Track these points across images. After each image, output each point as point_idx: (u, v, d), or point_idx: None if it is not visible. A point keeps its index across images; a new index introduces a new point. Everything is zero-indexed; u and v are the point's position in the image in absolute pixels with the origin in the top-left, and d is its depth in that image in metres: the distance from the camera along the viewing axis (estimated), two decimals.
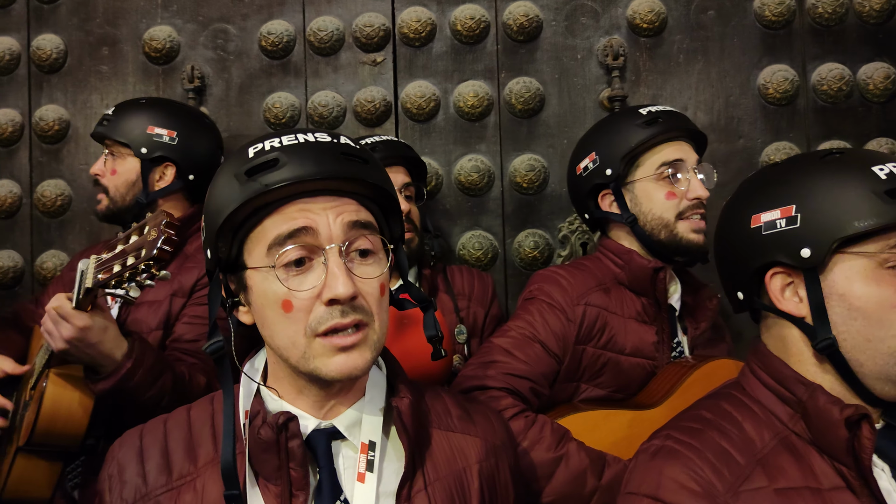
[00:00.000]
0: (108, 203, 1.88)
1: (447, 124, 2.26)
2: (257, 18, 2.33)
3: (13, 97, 2.44)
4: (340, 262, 0.90)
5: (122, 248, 1.27)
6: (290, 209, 0.92)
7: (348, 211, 0.93)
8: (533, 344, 1.51)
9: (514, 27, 2.21)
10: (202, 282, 1.79)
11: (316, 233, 0.91)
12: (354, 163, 0.94)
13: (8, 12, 2.45)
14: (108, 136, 1.88)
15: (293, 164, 0.91)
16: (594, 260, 1.68)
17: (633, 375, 1.58)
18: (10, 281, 2.39)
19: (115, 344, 1.42)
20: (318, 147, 0.93)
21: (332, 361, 0.91)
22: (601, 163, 1.63)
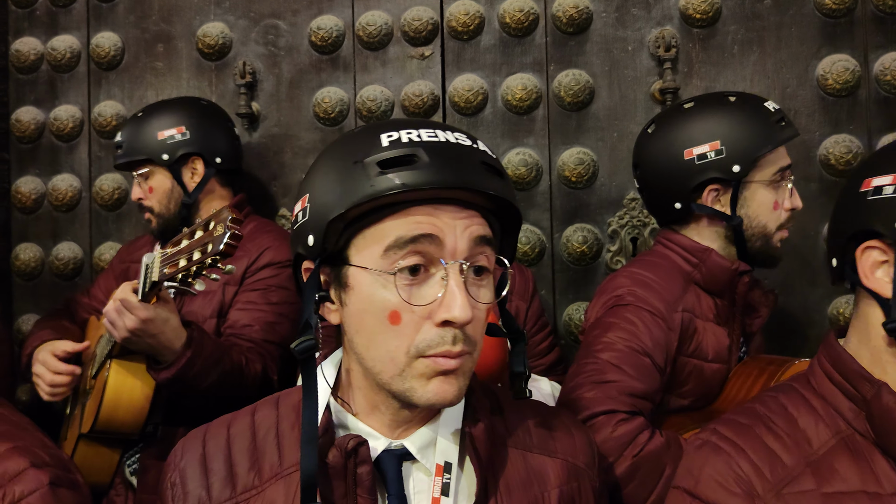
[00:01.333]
0: (158, 221, 1.93)
1: (495, 118, 2.25)
2: (307, 14, 2.35)
3: (74, 94, 2.52)
4: (461, 281, 0.82)
5: (188, 244, 1.30)
6: (416, 212, 0.83)
7: (476, 225, 0.85)
8: (642, 358, 1.38)
9: (564, 19, 2.19)
10: (252, 269, 1.83)
11: (441, 243, 0.83)
12: (494, 176, 0.85)
13: (69, 11, 2.53)
14: (126, 162, 1.93)
15: (434, 165, 0.82)
16: (661, 257, 1.57)
17: (714, 382, 1.50)
18: (70, 272, 2.47)
19: (176, 335, 1.46)
20: (459, 150, 0.85)
21: (428, 386, 0.83)
22: (728, 156, 1.47)
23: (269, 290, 1.82)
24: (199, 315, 1.79)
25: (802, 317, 2.06)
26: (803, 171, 2.07)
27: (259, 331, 1.75)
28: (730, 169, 1.47)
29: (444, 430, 0.92)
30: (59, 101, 2.53)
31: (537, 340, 1.88)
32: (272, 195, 2.34)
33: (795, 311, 2.06)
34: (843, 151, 2.04)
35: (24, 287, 2.53)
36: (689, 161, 1.51)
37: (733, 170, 1.47)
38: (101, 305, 2.00)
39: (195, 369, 1.48)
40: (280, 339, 1.78)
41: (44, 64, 2.55)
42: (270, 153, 2.35)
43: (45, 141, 2.54)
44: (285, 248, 1.87)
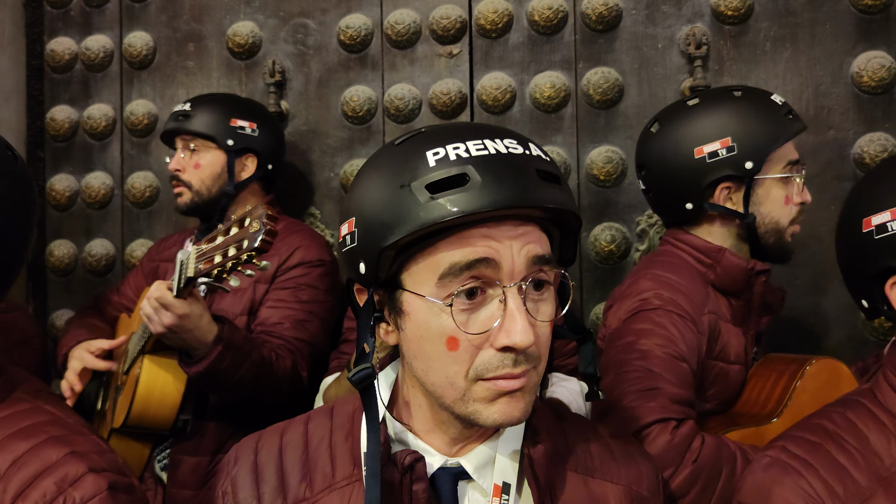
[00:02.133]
0: (191, 196, 1.93)
1: (523, 116, 2.24)
2: (336, 12, 2.36)
3: (106, 93, 2.56)
4: (521, 303, 0.79)
5: (223, 240, 1.31)
6: (471, 234, 0.79)
7: (533, 242, 0.81)
8: (681, 364, 1.33)
9: (593, 16, 2.18)
10: (283, 267, 1.85)
11: (498, 266, 0.79)
12: (552, 186, 0.81)
13: (102, 11, 2.57)
14: (190, 130, 1.92)
15: (486, 185, 0.77)
16: (675, 257, 1.52)
17: (734, 384, 1.47)
18: (102, 268, 2.52)
19: (209, 329, 1.48)
20: (512, 162, 0.79)
21: (493, 407, 0.81)
22: (740, 153, 1.43)
23: (300, 288, 1.84)
24: (230, 312, 1.81)
25: (836, 318, 2.03)
26: (837, 170, 2.04)
27: (289, 328, 1.77)
28: (742, 166, 1.44)
29: (504, 450, 0.89)
30: (93, 100, 2.57)
31: (565, 341, 1.87)
32: (300, 193, 2.36)
33: (829, 311, 2.03)
34: (878, 150, 2.01)
35: (58, 283, 2.58)
36: (700, 160, 1.46)
37: (746, 166, 1.43)
38: (130, 303, 2.03)
39: (226, 363, 1.49)
40: (310, 337, 1.79)
41: (78, 63, 2.59)
42: (299, 151, 2.36)
43: (79, 139, 2.59)
44: (315, 247, 1.89)
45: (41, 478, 0.81)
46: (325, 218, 2.35)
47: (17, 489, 0.80)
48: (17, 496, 0.80)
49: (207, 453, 1.76)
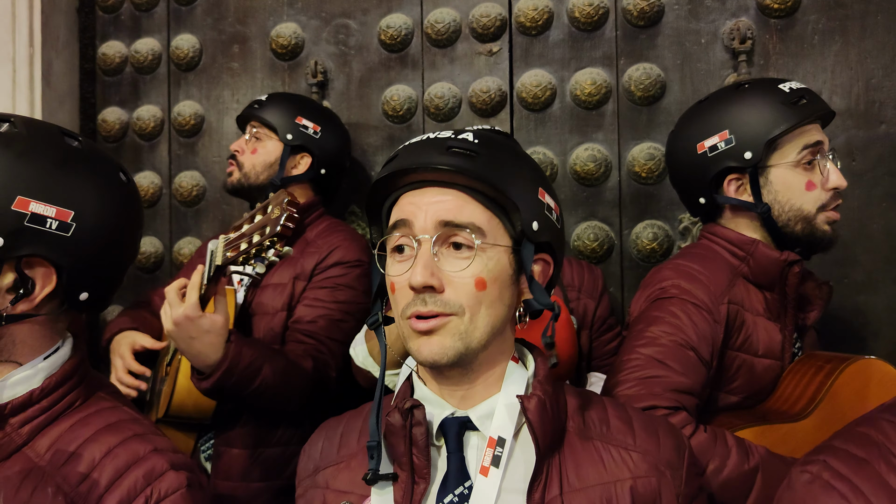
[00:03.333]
0: (239, 176, 2.01)
1: (563, 113, 2.23)
2: (377, 12, 2.39)
3: (155, 94, 2.63)
4: (426, 252, 0.94)
5: (248, 227, 1.34)
6: (403, 200, 0.99)
7: (448, 207, 0.96)
8: (687, 352, 1.35)
9: (635, 12, 2.15)
10: (321, 266, 1.87)
11: (412, 224, 0.96)
12: (458, 156, 0.96)
13: (151, 15, 2.64)
14: (258, 117, 2.01)
15: (400, 157, 0.99)
16: (708, 250, 1.53)
17: (765, 379, 1.45)
18: (151, 265, 2.58)
19: (211, 349, 1.45)
20: (428, 141, 0.99)
21: (416, 343, 0.95)
22: (738, 144, 1.45)
23: (337, 288, 1.85)
24: (270, 307, 1.83)
25: (887, 318, 1.97)
26: (889, 166, 1.98)
27: (323, 327, 1.78)
28: (741, 156, 1.45)
29: (504, 403, 0.98)
30: (142, 102, 2.64)
31: (605, 340, 1.86)
32: (342, 191, 2.38)
33: (880, 311, 1.98)
34: None
35: None
36: (703, 154, 1.50)
37: (745, 157, 1.45)
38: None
39: (234, 380, 1.49)
40: (344, 337, 1.79)
41: (127, 66, 2.67)
42: None
43: (129, 140, 2.66)
44: (355, 247, 1.91)
45: (131, 470, 0.91)
46: (365, 216, 2.37)
47: (110, 478, 0.90)
48: (110, 484, 0.89)
49: (248, 446, 1.79)
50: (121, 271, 1.07)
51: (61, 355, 1.01)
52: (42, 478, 0.90)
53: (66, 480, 0.89)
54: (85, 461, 0.91)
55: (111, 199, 1.00)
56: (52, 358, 0.99)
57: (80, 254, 0.96)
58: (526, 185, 0.99)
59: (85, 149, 1.00)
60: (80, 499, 0.88)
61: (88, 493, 0.88)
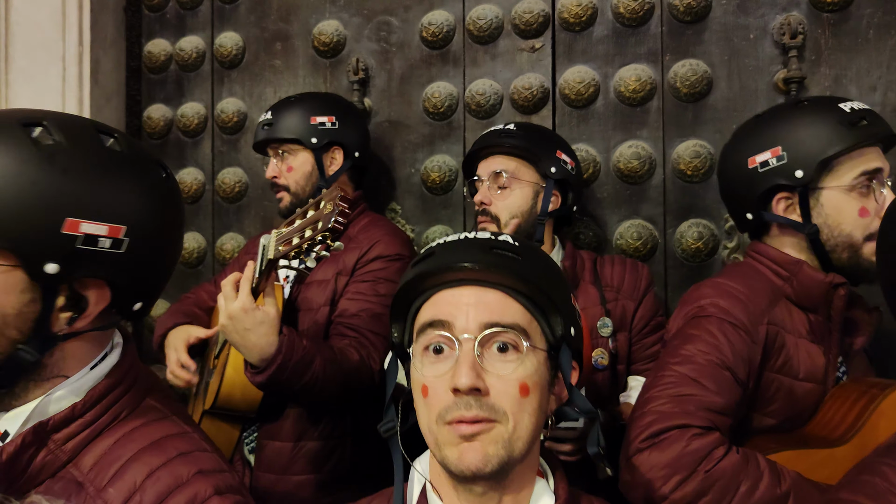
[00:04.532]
0: (291, 199, 2.00)
1: (607, 110, 2.20)
2: (419, 9, 2.38)
3: (198, 91, 2.67)
4: (470, 353, 0.90)
5: (301, 223, 1.35)
6: (439, 298, 0.96)
7: (489, 309, 0.92)
8: (723, 372, 1.31)
9: (681, 7, 2.12)
10: (362, 260, 1.88)
11: (452, 326, 0.92)
12: (502, 257, 0.94)
13: (195, 13, 2.68)
14: (276, 137, 1.99)
15: (438, 256, 0.96)
16: (750, 269, 1.49)
17: (805, 403, 1.40)
18: (194, 260, 2.62)
19: (266, 340, 1.47)
20: (467, 242, 0.98)
21: (456, 451, 0.89)
22: (790, 162, 1.40)
23: (378, 282, 1.86)
24: (314, 302, 1.85)
25: None
26: None
27: (365, 321, 1.79)
28: (792, 174, 1.40)
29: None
30: (186, 99, 2.68)
31: (648, 343, 1.81)
32: (382, 188, 2.40)
33: None
34: None
35: None
36: (753, 169, 1.46)
37: (796, 175, 1.39)
38: None
39: (287, 374, 1.50)
40: (385, 330, 1.80)
41: (172, 64, 2.71)
42: (381, 147, 2.40)
43: (173, 137, 2.70)
44: (395, 242, 1.91)
45: (173, 495, 0.86)
46: (405, 213, 2.38)
47: (153, 502, 0.85)
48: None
49: (290, 439, 1.81)
50: (170, 272, 1.03)
51: (108, 363, 0.96)
52: (86, 498, 0.85)
53: (108, 503, 0.85)
54: (127, 483, 0.86)
55: (158, 203, 0.94)
56: (98, 367, 0.95)
57: (134, 268, 0.91)
58: (563, 290, 0.97)
59: (124, 149, 0.93)
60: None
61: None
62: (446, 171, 2.32)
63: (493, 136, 1.85)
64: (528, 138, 1.82)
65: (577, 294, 1.79)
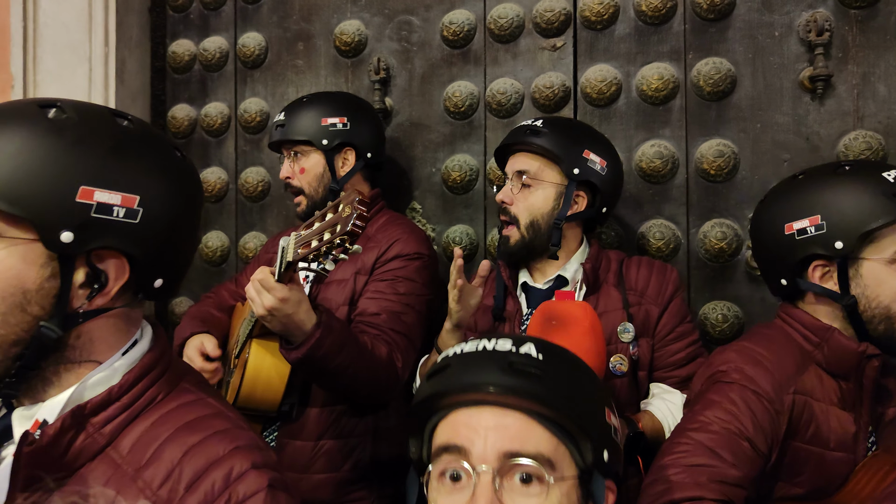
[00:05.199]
0: (307, 202, 2.01)
1: (629, 109, 2.19)
2: (440, 9, 2.38)
3: (222, 91, 2.69)
4: (488, 487, 0.84)
5: (319, 226, 1.36)
6: (456, 418, 0.90)
7: (510, 436, 0.86)
8: (741, 442, 1.28)
9: (704, 5, 2.09)
10: (381, 259, 1.89)
11: (468, 452, 0.86)
12: (522, 375, 0.87)
13: (219, 14, 2.70)
14: (288, 138, 2.00)
15: (455, 373, 0.91)
16: (780, 332, 1.46)
17: (836, 472, 1.36)
18: (218, 259, 2.65)
19: (307, 316, 1.51)
20: (484, 356, 0.91)
21: None
22: (829, 232, 1.36)
23: (397, 280, 1.86)
24: (333, 302, 1.86)
25: None
26: None
27: (386, 319, 1.80)
28: (832, 245, 1.35)
29: None
30: (210, 99, 2.71)
31: (671, 351, 1.74)
32: (403, 187, 2.40)
33: None
34: None
35: None
36: (790, 236, 1.41)
37: (836, 246, 1.35)
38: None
39: (323, 350, 1.53)
40: (405, 329, 1.81)
41: (196, 64, 2.74)
42: (402, 147, 2.40)
43: (197, 136, 2.73)
44: (414, 240, 1.92)
45: (210, 471, 0.86)
46: (426, 212, 2.38)
47: (189, 480, 0.86)
48: (189, 486, 0.85)
49: (311, 438, 1.82)
50: (191, 252, 1.03)
51: (140, 349, 0.97)
52: (125, 481, 0.86)
53: (147, 484, 0.85)
54: (165, 463, 0.87)
55: (172, 177, 0.95)
56: (130, 353, 0.95)
57: (150, 240, 0.91)
58: (594, 408, 0.91)
59: (137, 128, 0.94)
60: (162, 503, 0.84)
61: (169, 497, 0.84)
62: (467, 170, 2.32)
63: (520, 132, 1.82)
64: (553, 137, 1.77)
65: (599, 297, 1.76)
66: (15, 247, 0.84)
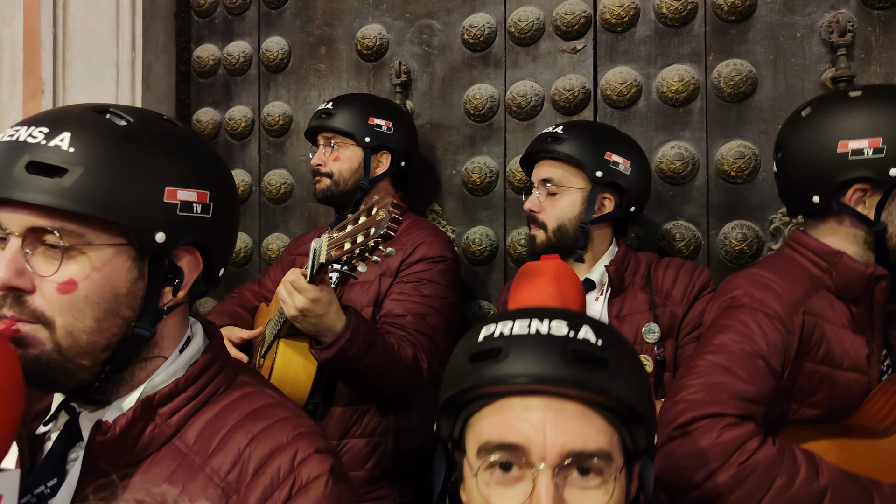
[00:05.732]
0: (329, 184, 2.03)
1: (649, 110, 2.19)
2: (460, 12, 2.41)
3: (246, 95, 2.73)
4: (550, 488, 0.80)
5: (353, 228, 1.38)
6: (509, 406, 0.85)
7: (572, 432, 0.82)
8: (756, 361, 1.30)
9: (725, 6, 2.09)
10: (406, 262, 1.91)
11: (527, 450, 0.82)
12: (583, 364, 0.83)
13: (243, 19, 2.74)
14: (331, 127, 2.04)
15: (510, 356, 0.84)
16: (788, 259, 1.47)
17: (850, 394, 1.37)
18: (241, 260, 2.69)
19: (337, 317, 1.55)
20: (543, 342, 0.85)
21: None
22: (888, 156, 1.32)
23: (422, 283, 1.89)
24: (358, 303, 1.88)
25: None
26: None
27: (411, 321, 1.82)
28: (886, 171, 1.33)
29: None
30: (233, 103, 2.75)
31: (689, 350, 1.73)
32: (424, 190, 2.42)
33: None
34: None
35: None
36: (842, 154, 1.37)
37: (890, 173, 1.33)
38: (269, 294, 2.16)
39: (353, 350, 1.56)
40: (430, 331, 1.84)
41: (220, 68, 2.78)
42: (423, 149, 2.43)
43: (221, 139, 2.78)
44: (438, 244, 1.94)
45: (275, 455, 0.89)
46: (447, 214, 2.40)
47: (256, 465, 0.88)
48: (256, 470, 0.87)
49: (334, 437, 1.85)
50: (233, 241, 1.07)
51: (196, 343, 1.00)
52: (192, 469, 0.88)
53: (215, 471, 0.87)
54: (231, 449, 0.89)
55: (224, 169, 0.99)
56: (189, 347, 0.98)
57: (220, 231, 0.96)
58: (648, 394, 0.89)
59: (183, 128, 0.98)
60: (230, 488, 0.86)
61: (237, 482, 0.86)
62: (487, 172, 2.33)
63: (541, 140, 1.84)
64: (573, 143, 1.78)
65: (625, 298, 1.77)
66: (106, 254, 0.86)
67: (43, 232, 0.83)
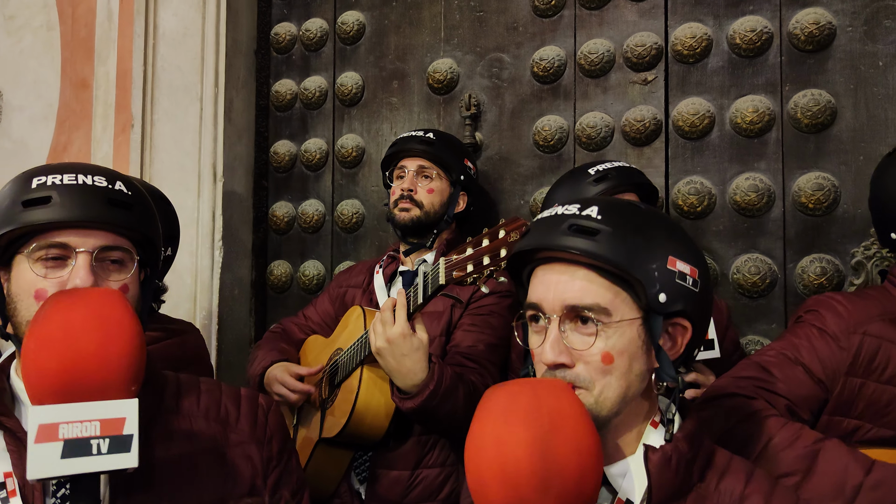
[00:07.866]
0: (420, 214, 2.04)
1: (722, 142, 2.17)
2: (530, 46, 2.44)
3: (321, 128, 2.83)
4: (554, 331, 1.00)
5: (474, 251, 1.41)
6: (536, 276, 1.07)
7: (572, 290, 1.00)
8: (794, 366, 1.38)
9: (802, 36, 2.06)
10: (477, 294, 1.93)
11: (541, 305, 1.03)
12: (580, 235, 1.00)
13: (319, 55, 2.85)
14: (431, 155, 2.07)
15: (532, 233, 1.07)
16: (880, 290, 1.49)
17: None
18: (314, 287, 2.77)
19: (420, 366, 1.55)
20: (551, 219, 1.04)
21: None
22: None
23: (492, 315, 1.91)
24: (429, 333, 1.90)
25: None
26: None
27: (483, 351, 1.84)
28: None
29: (633, 465, 1.01)
30: (309, 135, 2.85)
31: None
32: (493, 221, 2.42)
33: None
34: None
35: (276, 299, 2.88)
36: None
37: None
38: (316, 326, 2.20)
39: (437, 399, 1.57)
40: (500, 362, 1.85)
41: (297, 102, 2.89)
42: (491, 180, 2.46)
43: (297, 170, 2.88)
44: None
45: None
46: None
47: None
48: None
49: (407, 468, 1.85)
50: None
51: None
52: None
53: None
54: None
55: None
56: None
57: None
58: (653, 257, 0.99)
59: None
60: None
61: None
62: None
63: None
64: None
65: None
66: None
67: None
